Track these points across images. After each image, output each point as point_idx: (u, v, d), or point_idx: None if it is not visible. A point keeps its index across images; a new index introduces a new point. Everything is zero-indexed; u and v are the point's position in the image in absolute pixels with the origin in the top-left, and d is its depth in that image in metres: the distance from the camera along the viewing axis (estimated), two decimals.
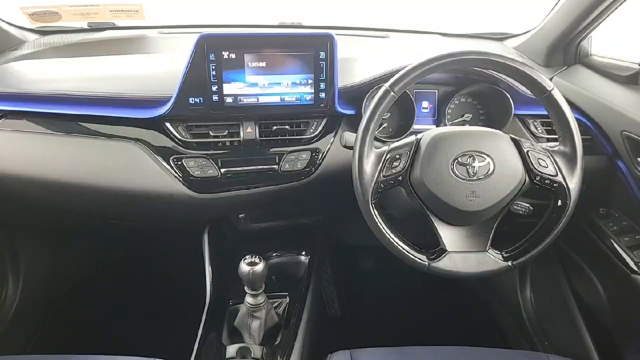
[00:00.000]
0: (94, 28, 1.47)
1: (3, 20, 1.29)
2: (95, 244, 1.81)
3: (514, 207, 0.98)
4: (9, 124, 1.07)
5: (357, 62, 1.22)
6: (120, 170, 1.07)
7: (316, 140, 1.14)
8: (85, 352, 0.96)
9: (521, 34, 1.47)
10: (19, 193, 1.12)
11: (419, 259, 0.90)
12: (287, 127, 1.11)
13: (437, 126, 1.22)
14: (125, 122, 1.08)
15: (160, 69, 1.19)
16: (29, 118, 1.08)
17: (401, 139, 0.96)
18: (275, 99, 1.08)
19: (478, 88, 1.19)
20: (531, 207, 1.00)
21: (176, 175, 1.07)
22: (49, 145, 1.07)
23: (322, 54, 1.06)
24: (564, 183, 0.89)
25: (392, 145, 0.94)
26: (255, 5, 1.85)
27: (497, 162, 0.89)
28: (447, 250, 0.90)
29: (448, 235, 0.91)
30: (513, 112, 1.17)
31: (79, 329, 1.59)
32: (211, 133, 1.08)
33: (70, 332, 1.59)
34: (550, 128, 1.19)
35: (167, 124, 1.07)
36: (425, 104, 1.23)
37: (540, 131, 1.20)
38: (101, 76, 1.15)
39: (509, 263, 0.91)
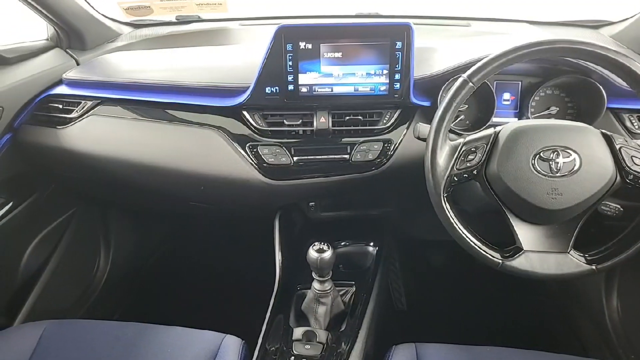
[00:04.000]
0: (181, 21, 1.57)
1: (103, 15, 1.42)
2: (176, 224, 1.94)
3: (602, 207, 0.92)
4: (105, 110, 1.18)
5: (435, 52, 1.19)
6: (202, 156, 1.14)
7: (389, 131, 1.12)
8: (164, 322, 1.03)
9: (620, 21, 1.35)
10: (112, 174, 1.22)
11: (493, 256, 0.87)
12: (359, 117, 1.11)
13: (519, 119, 1.16)
14: (207, 110, 1.14)
15: (240, 60, 1.23)
16: (122, 105, 1.18)
17: (478, 132, 0.93)
18: (349, 89, 1.09)
19: (567, 79, 1.11)
20: (621, 209, 0.92)
21: (251, 162, 1.12)
22: (139, 130, 1.16)
23: (399, 44, 1.04)
24: None
25: (468, 138, 0.90)
26: None
27: (584, 159, 0.83)
28: (523, 249, 0.86)
29: (525, 233, 0.87)
30: (606, 106, 1.07)
31: (159, 301, 1.72)
32: (285, 122, 1.11)
33: (151, 304, 1.72)
34: None
35: (245, 113, 1.12)
36: (506, 95, 1.17)
37: (636, 127, 1.10)
38: (186, 66, 1.22)
39: (593, 267, 0.85)
